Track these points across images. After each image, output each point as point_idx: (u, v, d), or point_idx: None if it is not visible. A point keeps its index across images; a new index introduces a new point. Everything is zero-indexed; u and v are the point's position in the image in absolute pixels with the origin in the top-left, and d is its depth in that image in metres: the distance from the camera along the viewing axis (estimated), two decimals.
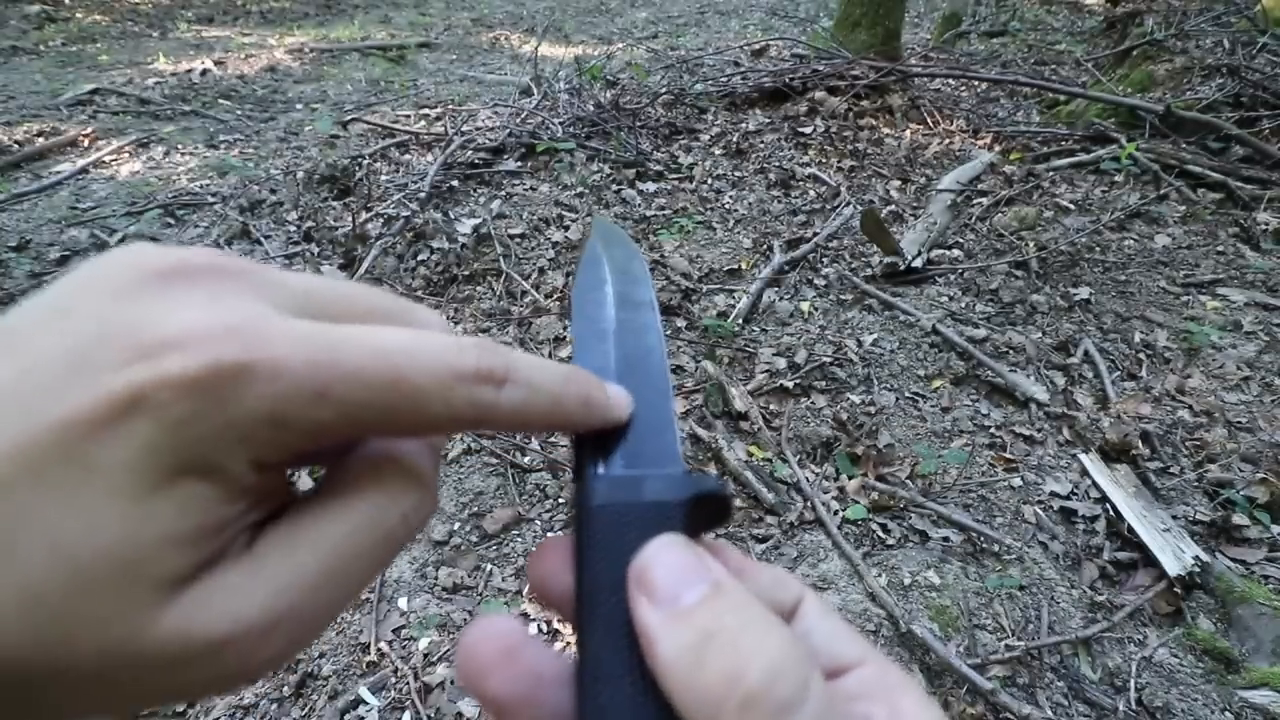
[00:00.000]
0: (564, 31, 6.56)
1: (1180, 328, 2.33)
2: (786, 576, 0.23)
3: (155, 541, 0.16)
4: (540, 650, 0.20)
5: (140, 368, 0.16)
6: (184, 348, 0.17)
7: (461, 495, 1.70)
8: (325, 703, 1.31)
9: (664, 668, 0.18)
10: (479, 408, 0.20)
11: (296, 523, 0.19)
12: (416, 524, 0.21)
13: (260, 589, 0.18)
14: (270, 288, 0.20)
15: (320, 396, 0.17)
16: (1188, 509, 1.69)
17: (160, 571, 0.17)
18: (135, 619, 0.16)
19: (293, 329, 0.18)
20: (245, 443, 0.17)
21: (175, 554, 0.17)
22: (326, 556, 0.19)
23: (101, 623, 0.16)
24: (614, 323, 0.28)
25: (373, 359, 0.18)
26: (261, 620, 0.18)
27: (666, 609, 0.18)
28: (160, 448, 0.16)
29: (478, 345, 0.20)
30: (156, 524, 0.16)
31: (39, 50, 5.26)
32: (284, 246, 2.68)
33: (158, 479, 0.16)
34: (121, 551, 0.16)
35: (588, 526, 0.21)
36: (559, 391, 0.21)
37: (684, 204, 3.04)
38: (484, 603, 1.48)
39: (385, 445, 0.22)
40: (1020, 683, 1.34)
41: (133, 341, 0.17)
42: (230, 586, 0.18)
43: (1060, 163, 3.45)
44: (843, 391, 2.03)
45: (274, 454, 0.18)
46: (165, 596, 0.17)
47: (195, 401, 0.16)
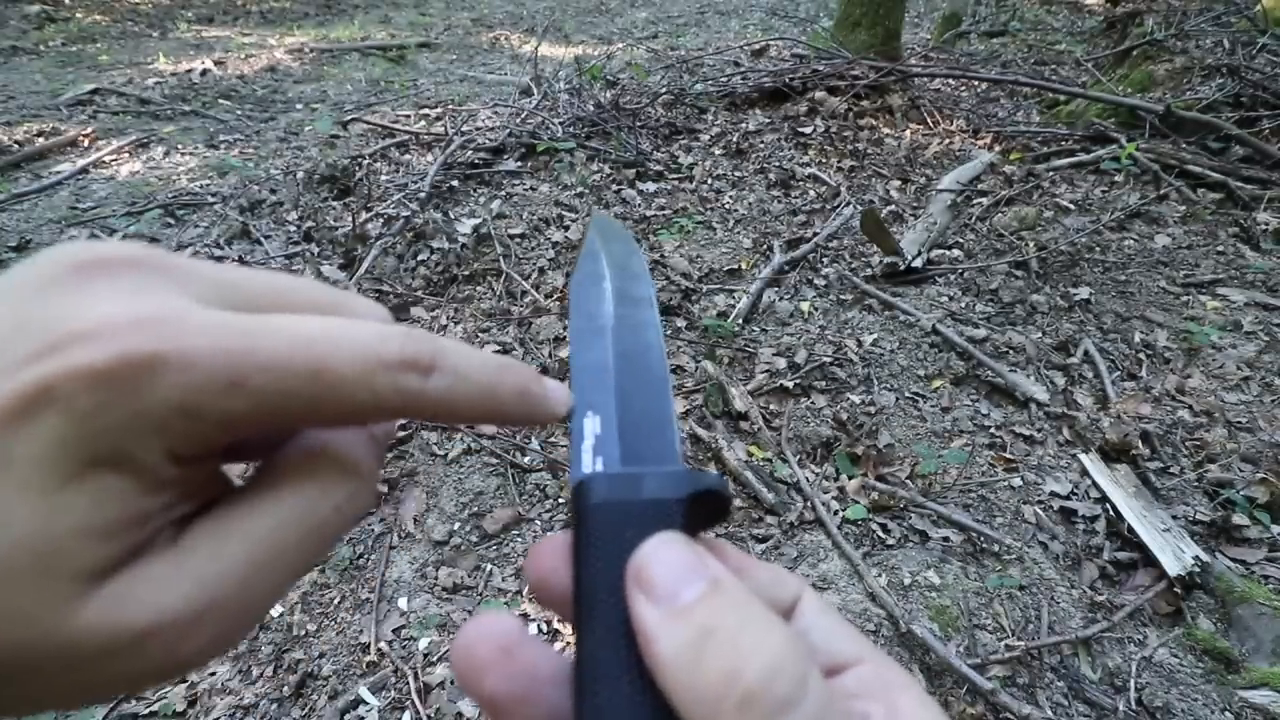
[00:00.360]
0: (564, 31, 6.56)
1: (1180, 328, 2.33)
2: (785, 574, 0.22)
3: (70, 534, 0.16)
4: (537, 648, 0.20)
5: (49, 361, 0.16)
6: (93, 339, 0.17)
7: (461, 495, 1.70)
8: (325, 702, 1.31)
9: (662, 665, 0.18)
10: (405, 396, 0.19)
11: (226, 515, 0.19)
12: (351, 515, 0.21)
13: (184, 580, 0.18)
14: (193, 280, 0.19)
15: (234, 386, 0.17)
16: (1188, 509, 1.69)
17: (78, 564, 0.16)
18: (54, 612, 0.16)
19: (208, 319, 0.18)
20: (159, 434, 0.17)
21: (92, 546, 0.17)
22: (255, 548, 0.19)
23: (19, 617, 0.16)
24: (612, 319, 0.28)
25: (291, 348, 0.18)
26: (185, 611, 0.18)
27: (665, 606, 0.18)
28: (70, 440, 0.16)
29: (404, 333, 0.20)
30: (70, 517, 0.16)
31: (39, 50, 5.26)
32: (284, 246, 2.68)
33: (69, 472, 0.16)
34: (36, 545, 0.16)
35: (586, 524, 0.21)
36: (491, 381, 0.21)
37: (684, 204, 3.04)
38: (484, 603, 1.48)
39: (319, 436, 0.21)
40: (1020, 683, 1.34)
41: (43, 335, 0.17)
42: (153, 578, 0.18)
43: (1060, 163, 3.45)
44: (843, 391, 2.03)
45: (190, 446, 0.18)
46: (84, 589, 0.17)
47: (104, 393, 0.16)
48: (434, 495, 1.70)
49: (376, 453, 0.23)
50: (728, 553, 0.22)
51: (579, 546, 0.21)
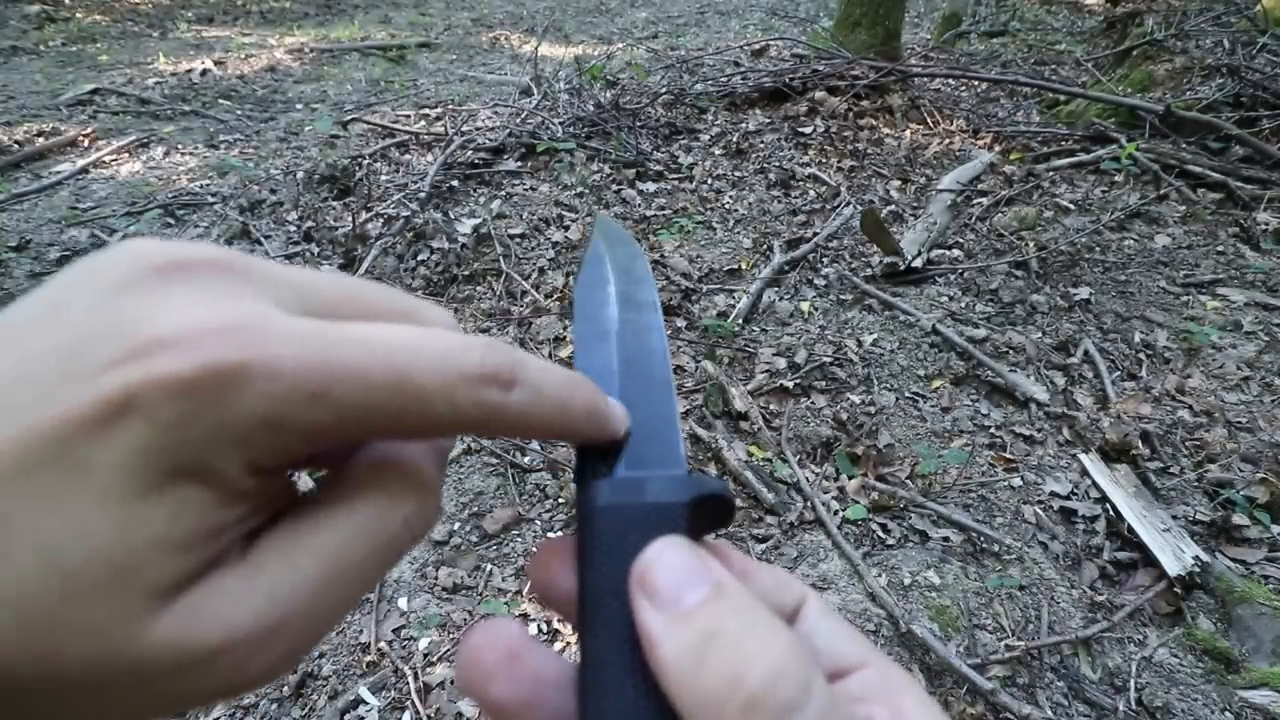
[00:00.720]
0: (564, 31, 6.56)
1: (1180, 328, 2.33)
2: (789, 578, 0.22)
3: (147, 546, 0.16)
4: (542, 654, 0.20)
5: (132, 367, 0.16)
6: (177, 347, 0.16)
7: (461, 495, 1.70)
8: (325, 702, 1.31)
9: (665, 670, 0.17)
10: (485, 410, 0.19)
11: (295, 528, 0.19)
12: (419, 529, 0.21)
13: (256, 595, 0.17)
14: (272, 284, 0.19)
15: (318, 398, 0.17)
16: (1188, 509, 1.69)
17: (153, 578, 0.16)
18: (127, 627, 0.16)
19: (291, 327, 0.17)
20: (241, 445, 0.17)
21: (168, 560, 0.16)
22: (325, 562, 0.18)
23: (92, 631, 0.16)
24: (616, 323, 0.28)
25: (375, 359, 0.18)
26: (257, 627, 0.17)
27: (668, 611, 0.18)
28: (152, 450, 0.16)
29: (485, 345, 0.19)
30: (149, 528, 0.16)
31: (39, 50, 5.26)
32: (284, 246, 2.68)
33: (150, 482, 0.16)
34: (112, 557, 0.16)
35: (590, 528, 0.21)
36: (566, 398, 0.21)
37: (684, 204, 3.04)
38: (484, 603, 1.48)
39: (389, 449, 0.21)
40: (1020, 683, 1.34)
41: (126, 340, 0.16)
42: (225, 593, 0.17)
43: (1060, 163, 3.45)
44: (843, 391, 2.03)
45: (271, 457, 0.17)
46: (158, 604, 0.16)
47: (188, 403, 0.16)
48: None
49: (441, 465, 0.22)
50: (731, 556, 0.22)
51: (583, 550, 0.21)
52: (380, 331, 0.18)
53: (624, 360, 0.26)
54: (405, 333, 0.19)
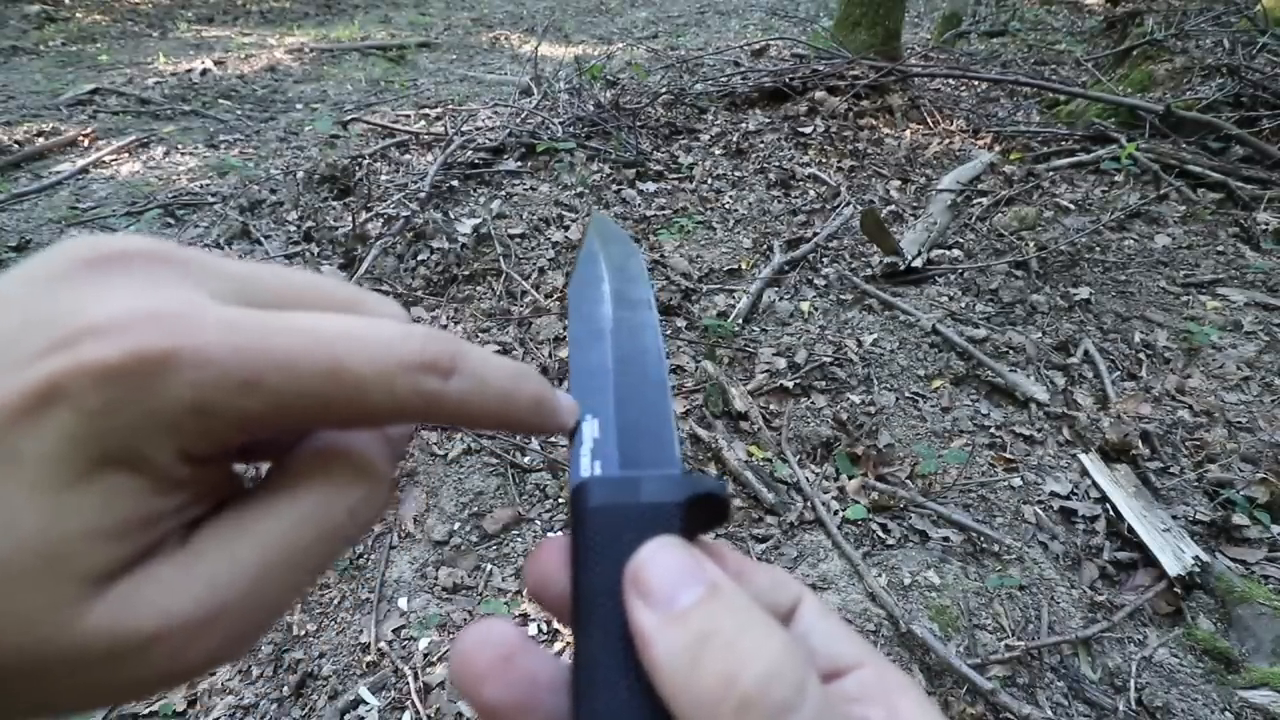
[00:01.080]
0: (564, 31, 6.56)
1: (1180, 328, 2.33)
2: (785, 577, 0.22)
3: (78, 535, 0.16)
4: (536, 655, 0.20)
5: (59, 356, 0.16)
6: (104, 335, 0.16)
7: (461, 495, 1.70)
8: (325, 702, 1.31)
9: (660, 670, 0.17)
10: (424, 398, 0.19)
11: (237, 516, 0.19)
12: (365, 519, 0.20)
13: (194, 583, 0.17)
14: (210, 275, 0.19)
15: (250, 386, 0.17)
16: (1188, 509, 1.69)
17: (85, 566, 0.16)
18: (59, 615, 0.16)
19: (224, 316, 0.17)
20: (171, 433, 0.17)
21: (100, 548, 0.16)
22: (267, 551, 0.18)
23: (23, 618, 0.16)
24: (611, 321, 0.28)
25: (308, 346, 0.18)
26: (194, 615, 0.17)
27: (662, 611, 0.18)
28: (80, 438, 0.16)
29: (425, 334, 0.19)
30: (79, 517, 0.16)
31: (39, 50, 5.26)
32: (284, 246, 2.68)
33: (79, 470, 0.16)
34: (42, 545, 0.16)
35: (585, 528, 0.21)
36: (509, 388, 0.21)
37: (684, 204, 3.04)
38: (484, 603, 1.48)
39: (335, 438, 0.21)
40: (1020, 683, 1.34)
41: (55, 329, 0.16)
42: (161, 580, 0.17)
43: (1060, 163, 3.45)
44: (843, 391, 2.03)
45: (203, 445, 0.17)
46: (91, 591, 0.16)
47: (115, 390, 0.16)
48: (434, 495, 1.70)
49: (392, 455, 0.22)
50: (726, 556, 0.22)
51: (578, 550, 0.21)
52: (318, 320, 0.18)
53: (619, 359, 0.26)
54: (343, 321, 0.19)
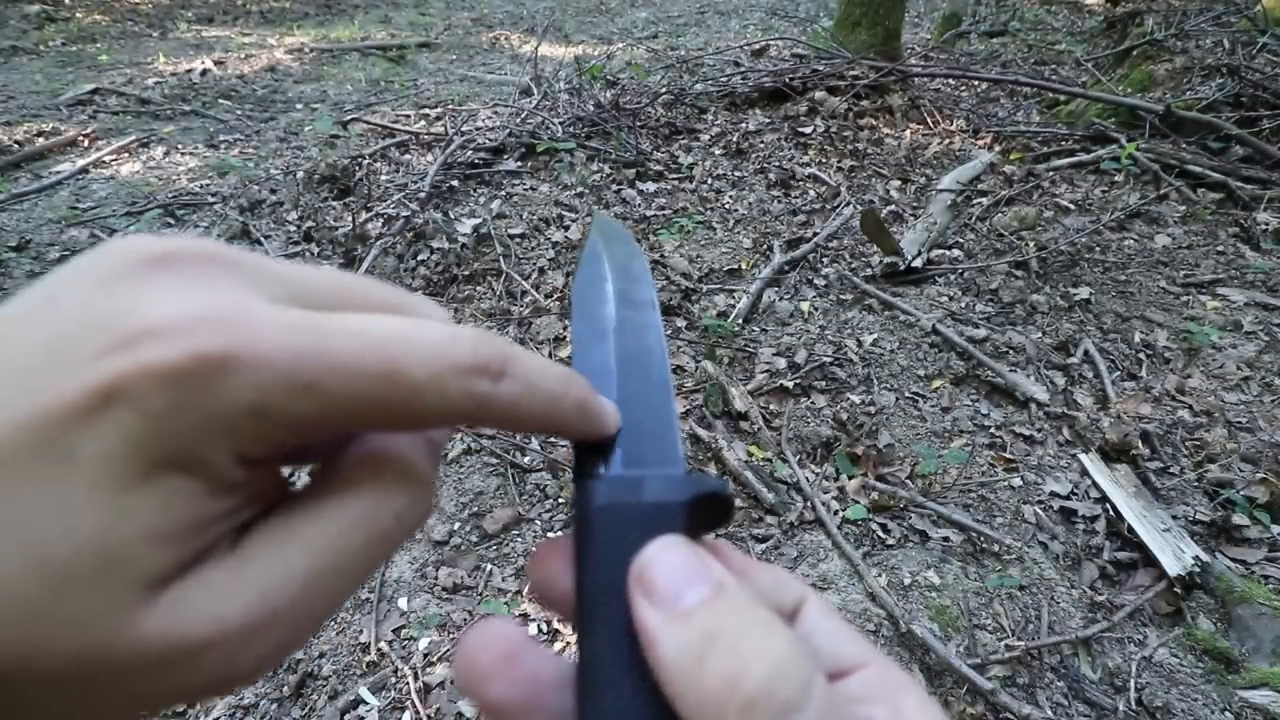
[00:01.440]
0: (564, 31, 6.56)
1: (1180, 328, 2.33)
2: (788, 577, 0.22)
3: (135, 538, 0.16)
4: (540, 654, 0.20)
5: (119, 357, 0.16)
6: (164, 336, 0.16)
7: (461, 495, 1.70)
8: (325, 702, 1.31)
9: (665, 669, 0.17)
10: (475, 401, 0.19)
11: (287, 521, 0.18)
12: (412, 524, 0.20)
13: (246, 589, 0.17)
14: (263, 277, 0.19)
15: (307, 388, 0.17)
16: (1188, 509, 1.69)
17: (141, 569, 0.16)
18: (114, 619, 0.16)
19: (280, 318, 0.17)
20: (229, 435, 0.17)
21: (156, 551, 0.16)
22: (316, 556, 0.18)
23: (78, 623, 0.15)
24: (614, 321, 0.27)
25: (364, 349, 0.17)
26: (246, 621, 0.17)
27: (667, 610, 0.18)
28: (139, 440, 0.16)
29: (476, 336, 0.19)
30: (136, 519, 0.16)
31: (39, 50, 5.26)
32: (284, 246, 2.68)
33: (137, 472, 0.16)
34: (100, 548, 0.15)
35: (588, 527, 0.21)
36: (557, 392, 0.21)
37: (684, 204, 3.04)
38: (484, 603, 1.48)
39: (381, 441, 0.21)
40: (1020, 683, 1.34)
41: (114, 330, 0.16)
42: (214, 585, 0.17)
43: (1060, 163, 3.45)
44: (843, 391, 2.03)
45: (260, 448, 0.17)
46: (146, 596, 0.16)
47: (175, 392, 0.16)
48: (434, 495, 1.70)
49: (435, 459, 0.22)
50: (730, 556, 0.22)
51: (581, 549, 0.21)
52: (371, 322, 0.18)
53: (622, 359, 0.26)
54: (396, 324, 0.19)
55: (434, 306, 0.22)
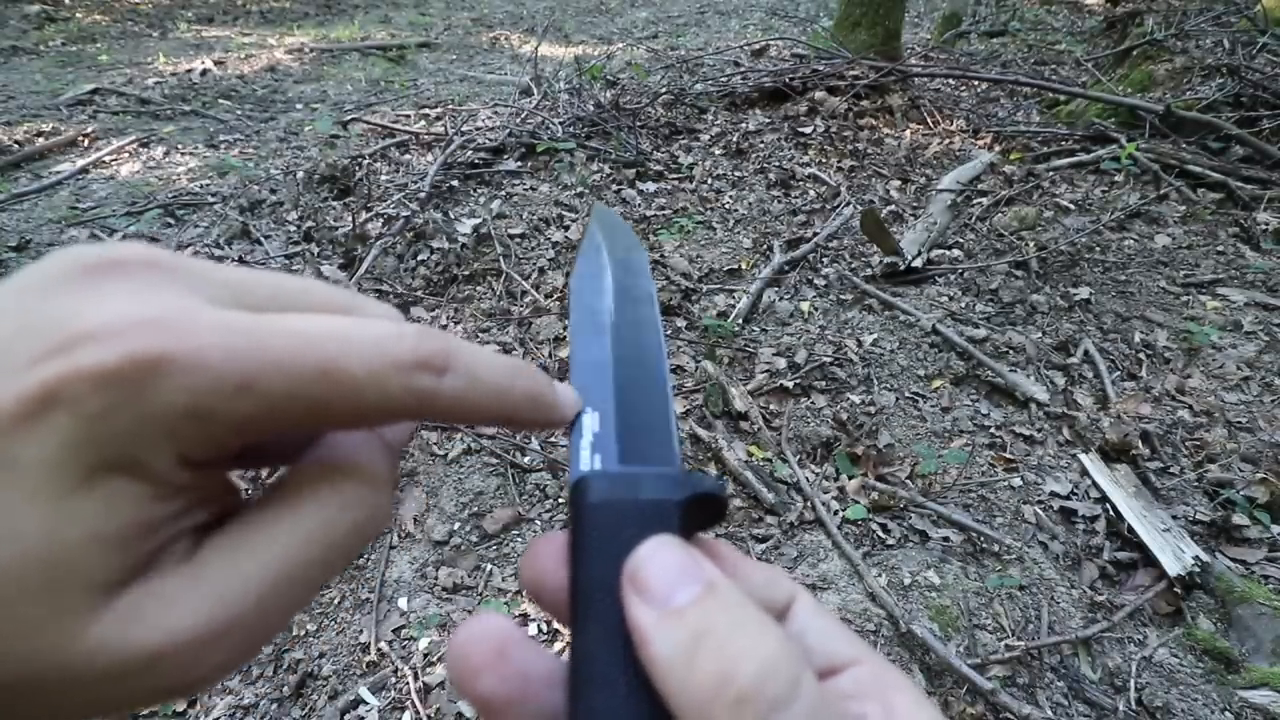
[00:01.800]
0: (564, 31, 6.56)
1: (1180, 328, 2.33)
2: (780, 575, 0.22)
3: (81, 542, 0.16)
4: (532, 650, 0.20)
5: (55, 362, 0.16)
6: (100, 340, 0.16)
7: (461, 495, 1.70)
8: (325, 702, 1.31)
9: (656, 667, 0.17)
10: (417, 396, 0.19)
11: (243, 529, 0.18)
12: (370, 533, 0.20)
13: (202, 597, 0.17)
14: (205, 281, 0.19)
15: (244, 388, 0.17)
16: (1188, 509, 1.69)
17: (88, 575, 0.16)
18: (62, 627, 0.15)
19: (218, 320, 0.17)
20: (168, 437, 0.17)
21: (104, 555, 0.16)
22: (274, 564, 0.18)
23: (26, 631, 0.15)
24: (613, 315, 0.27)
25: (301, 347, 0.18)
26: (201, 632, 0.17)
27: (659, 608, 0.18)
28: (79, 443, 0.16)
29: (419, 332, 0.19)
30: (81, 523, 0.16)
31: (39, 50, 5.26)
32: (284, 246, 2.68)
33: (79, 476, 0.16)
34: (45, 554, 0.15)
35: (583, 523, 0.21)
36: (503, 384, 0.21)
37: (684, 204, 3.04)
38: (484, 602, 1.48)
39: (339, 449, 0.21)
40: (1020, 683, 1.34)
41: (50, 335, 0.16)
42: (168, 595, 0.17)
43: (1060, 163, 3.45)
44: (843, 391, 2.03)
45: (202, 449, 0.17)
46: (95, 602, 0.16)
47: (112, 395, 0.16)
48: (434, 495, 1.70)
49: (393, 465, 0.22)
50: (724, 554, 0.22)
51: (576, 545, 0.21)
52: (310, 322, 0.18)
53: (620, 353, 0.26)
54: (336, 322, 0.19)
55: (383, 307, 0.22)
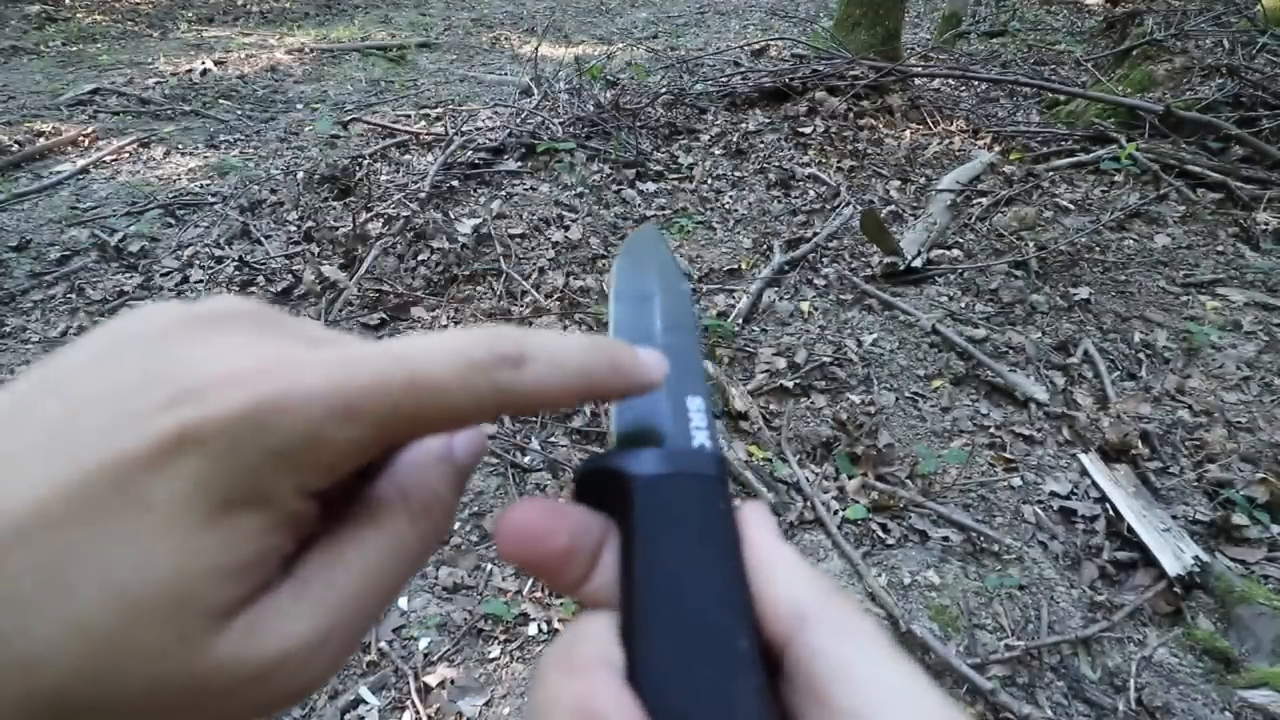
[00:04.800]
0: (564, 31, 6.56)
1: (1180, 328, 2.33)
2: None
3: (207, 573, 0.17)
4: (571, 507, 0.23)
5: (185, 408, 0.17)
6: (223, 386, 0.18)
7: (461, 495, 1.70)
8: (325, 702, 1.31)
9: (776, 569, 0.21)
10: (502, 390, 0.20)
11: (336, 545, 0.20)
12: (434, 545, 0.23)
13: (308, 611, 0.19)
14: (295, 329, 0.22)
15: (351, 414, 0.18)
16: (1187, 509, 1.69)
17: (212, 603, 0.17)
18: (186, 650, 0.17)
19: (318, 358, 0.19)
20: (289, 470, 0.18)
21: (227, 585, 0.18)
22: (365, 577, 0.20)
23: (152, 655, 0.17)
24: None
25: (388, 366, 0.19)
26: (310, 639, 0.19)
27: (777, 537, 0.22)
28: (209, 482, 0.17)
29: (490, 333, 0.21)
30: (208, 556, 0.17)
31: (39, 50, 5.26)
32: (284, 246, 2.68)
33: (208, 512, 0.17)
34: (174, 584, 0.17)
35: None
36: (584, 360, 0.22)
37: (684, 204, 3.04)
38: (484, 602, 1.48)
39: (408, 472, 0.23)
40: (1020, 682, 1.34)
41: (176, 383, 0.18)
42: (277, 610, 0.19)
43: (1060, 163, 3.45)
44: (842, 391, 2.03)
45: (317, 478, 0.19)
46: (217, 625, 0.17)
47: (237, 435, 0.17)
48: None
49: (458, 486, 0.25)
50: None
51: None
52: (391, 344, 0.20)
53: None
54: (414, 341, 0.20)
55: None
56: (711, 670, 0.19)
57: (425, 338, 0.20)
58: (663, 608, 0.20)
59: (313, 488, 0.19)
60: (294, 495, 0.19)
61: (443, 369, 0.19)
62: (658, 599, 0.20)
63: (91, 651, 0.16)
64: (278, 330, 0.21)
